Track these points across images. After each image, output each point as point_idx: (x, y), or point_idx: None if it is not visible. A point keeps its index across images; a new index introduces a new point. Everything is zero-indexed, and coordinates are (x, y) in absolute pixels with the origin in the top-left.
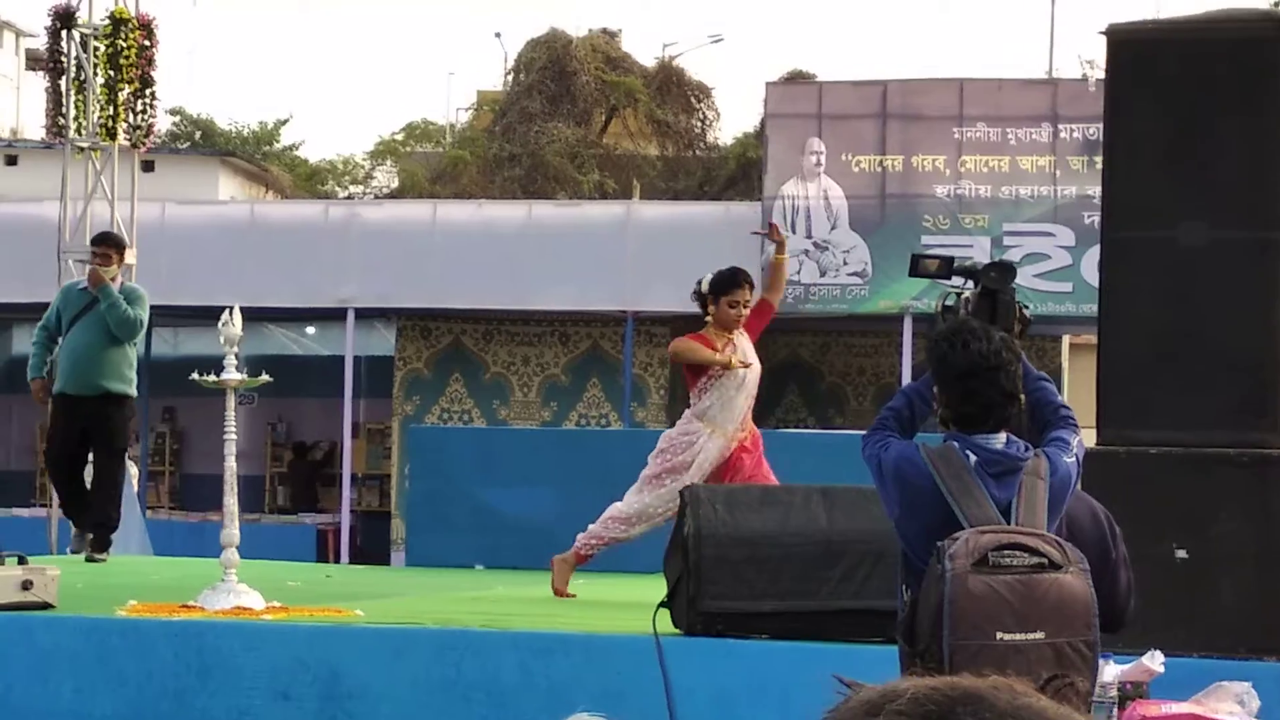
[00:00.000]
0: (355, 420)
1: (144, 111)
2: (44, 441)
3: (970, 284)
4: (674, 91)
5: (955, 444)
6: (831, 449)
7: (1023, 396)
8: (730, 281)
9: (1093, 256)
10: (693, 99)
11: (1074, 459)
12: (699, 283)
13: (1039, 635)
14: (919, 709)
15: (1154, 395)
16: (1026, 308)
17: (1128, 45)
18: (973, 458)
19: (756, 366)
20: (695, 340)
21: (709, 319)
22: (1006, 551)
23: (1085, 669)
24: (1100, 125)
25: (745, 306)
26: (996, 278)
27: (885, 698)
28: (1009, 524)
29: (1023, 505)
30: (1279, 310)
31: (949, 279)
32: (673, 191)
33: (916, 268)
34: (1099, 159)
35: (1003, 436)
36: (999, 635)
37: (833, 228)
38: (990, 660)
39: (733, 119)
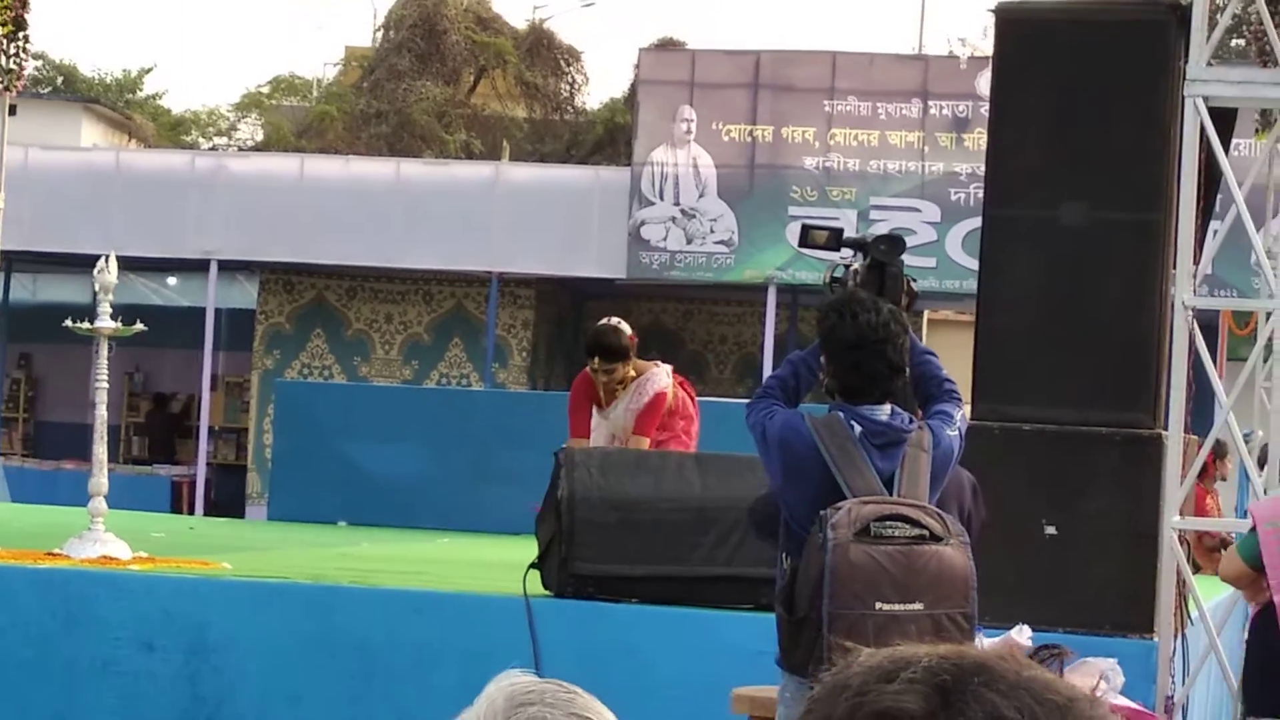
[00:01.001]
0: (214, 372)
1: (16, 55)
2: None
3: (859, 256)
4: (543, 54)
5: (840, 414)
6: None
7: (908, 369)
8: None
9: (957, 233)
10: (562, 62)
11: (957, 432)
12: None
13: (918, 606)
14: (933, 678)
15: (1030, 373)
16: (914, 281)
17: (1017, 23)
18: (857, 428)
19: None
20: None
21: None
22: (888, 522)
23: (964, 640)
24: (969, 103)
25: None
26: (886, 250)
27: (897, 665)
28: (891, 495)
29: (905, 476)
30: (1157, 292)
31: (838, 251)
32: (539, 154)
33: (806, 238)
34: (967, 136)
35: (887, 408)
36: (878, 605)
37: (700, 195)
38: (869, 630)
39: (601, 84)
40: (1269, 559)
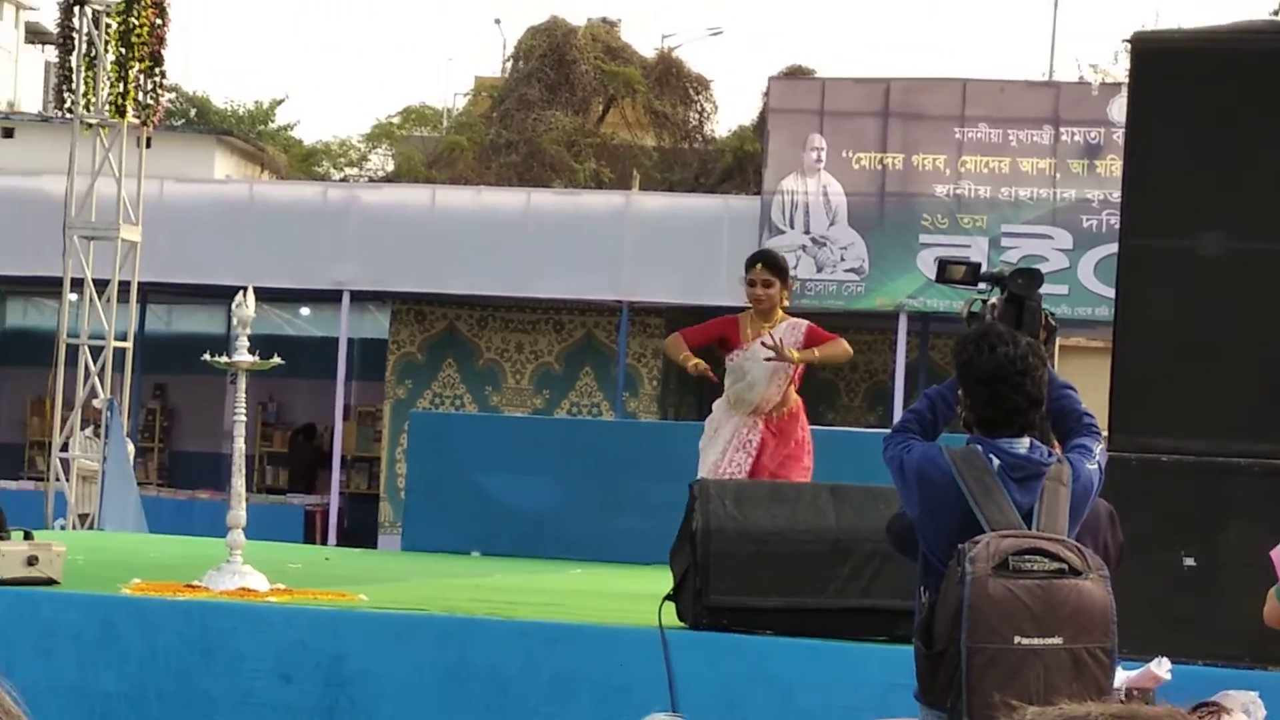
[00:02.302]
0: (347, 402)
1: (153, 90)
2: (33, 414)
3: (996, 290)
4: (672, 83)
5: (979, 447)
6: (828, 446)
7: (1046, 403)
8: (748, 261)
9: (1089, 260)
10: (691, 91)
11: (1096, 466)
12: None
13: (1057, 641)
14: None
15: (1167, 403)
16: (1053, 315)
17: (1152, 54)
18: (995, 461)
19: (759, 363)
20: (704, 328)
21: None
22: (1027, 556)
23: (1103, 675)
24: (1101, 129)
25: (762, 286)
26: (1023, 284)
27: None
28: (1030, 529)
29: (1044, 510)
30: None
31: (975, 285)
32: (668, 183)
33: (943, 273)
34: (1099, 163)
35: (1026, 441)
36: (1017, 639)
37: (831, 224)
38: (1007, 664)
39: (730, 112)
40: None
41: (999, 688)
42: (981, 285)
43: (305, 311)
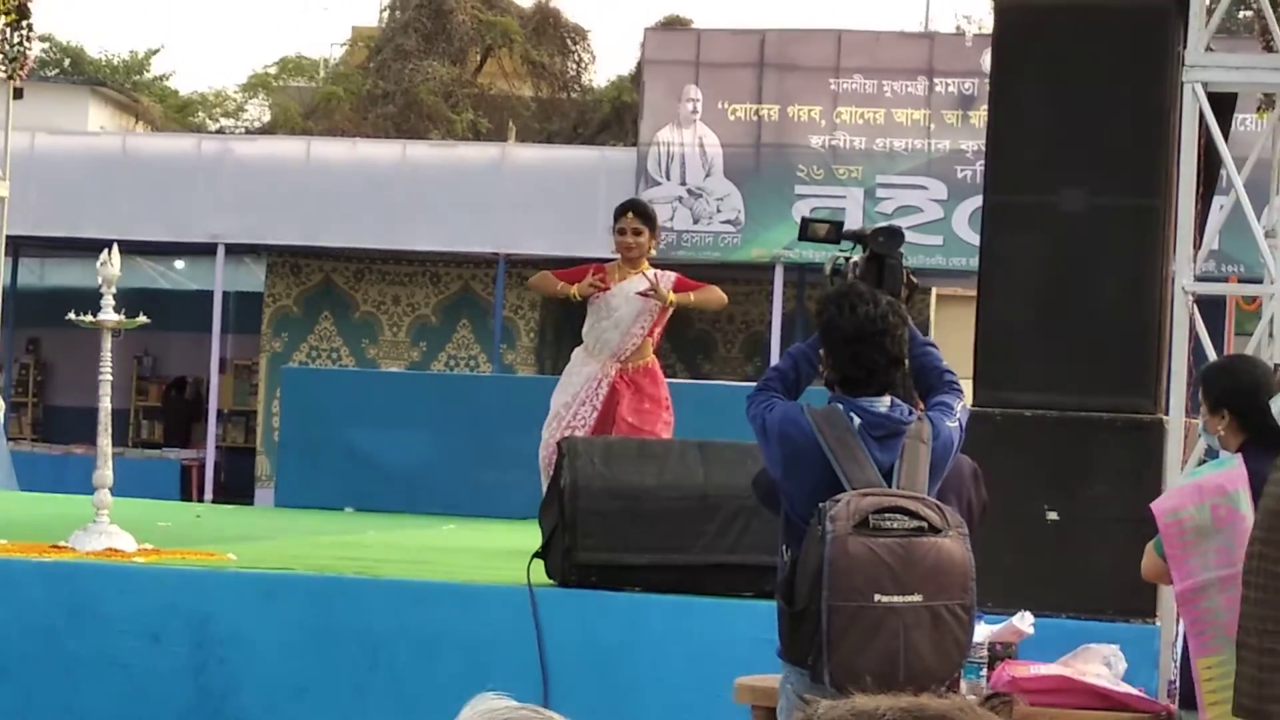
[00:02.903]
0: (222, 356)
1: (20, 43)
2: None
3: (859, 248)
4: (550, 33)
5: (840, 406)
6: (703, 400)
7: (907, 361)
8: (618, 210)
9: (964, 210)
10: (568, 41)
11: (957, 423)
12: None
13: (917, 598)
14: None
15: (1030, 359)
16: (913, 273)
17: (1015, 10)
18: (856, 420)
19: (631, 300)
20: (573, 271)
21: (613, 249)
22: (887, 514)
23: (961, 632)
24: (975, 80)
25: (633, 234)
26: (884, 243)
27: (859, 717)
28: (891, 487)
29: (904, 468)
30: (1157, 277)
31: (838, 243)
32: (546, 133)
33: (806, 232)
34: (973, 114)
35: (887, 400)
36: (877, 597)
37: (707, 175)
38: (868, 622)
39: (608, 63)
40: (1169, 550)
41: (860, 645)
42: (844, 243)
43: (180, 264)
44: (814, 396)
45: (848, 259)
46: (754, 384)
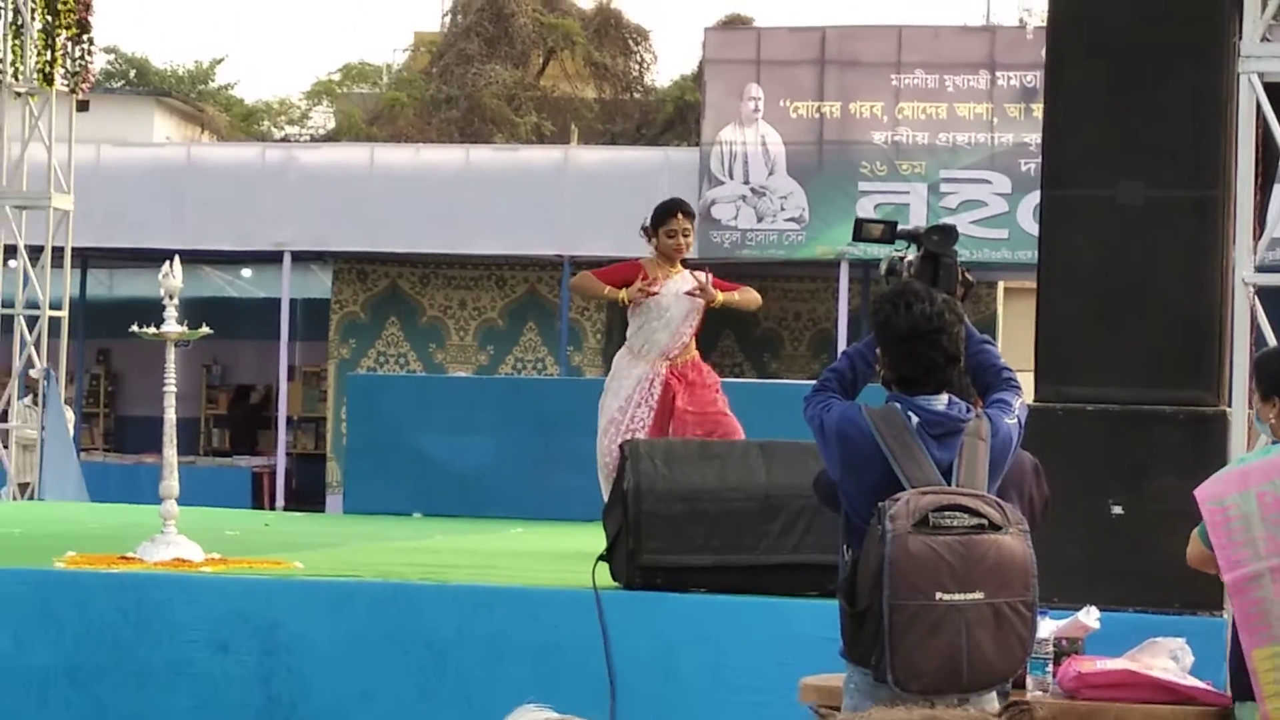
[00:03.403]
0: (291, 363)
1: (81, 57)
2: None
3: (913, 247)
4: (611, 34)
5: (898, 405)
6: (769, 398)
7: (964, 359)
8: (666, 212)
9: (1028, 203)
10: (630, 41)
11: (1015, 420)
12: (644, 221)
13: (978, 595)
14: None
15: (1091, 353)
16: (969, 271)
17: (1070, 4)
18: (914, 419)
19: (680, 300)
20: (613, 270)
21: (652, 250)
22: (946, 512)
23: (1024, 628)
24: (1037, 73)
25: (683, 235)
26: (939, 241)
27: None
28: (950, 485)
29: (963, 466)
30: (1215, 269)
31: (892, 243)
32: (610, 134)
33: (860, 233)
34: (1036, 107)
35: (944, 398)
36: (938, 595)
37: (770, 173)
38: (929, 620)
39: (670, 62)
40: (1215, 540)
41: (922, 643)
42: (899, 243)
43: (247, 273)
44: (872, 396)
45: (902, 258)
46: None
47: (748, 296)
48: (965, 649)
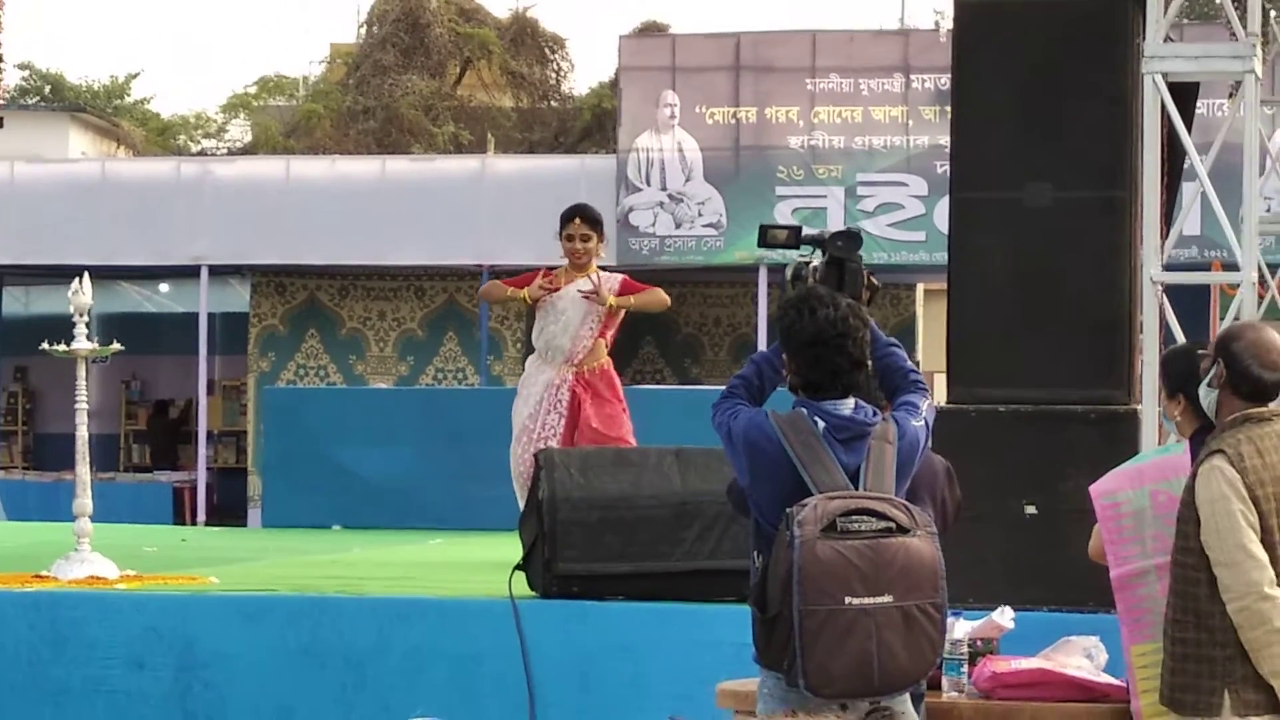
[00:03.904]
0: (210, 377)
1: None
2: None
3: (819, 252)
4: (528, 43)
5: (804, 410)
6: (689, 405)
7: (871, 362)
8: (565, 217)
9: (945, 205)
10: (547, 50)
11: (923, 423)
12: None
13: (887, 599)
14: None
15: (1003, 354)
16: (876, 275)
17: (974, 6)
18: (821, 424)
19: (577, 302)
20: (522, 278)
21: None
22: (854, 517)
23: (934, 630)
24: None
25: (581, 240)
26: (843, 246)
27: None
28: (858, 489)
29: (870, 470)
30: (1125, 269)
31: (797, 248)
32: (529, 143)
33: (765, 238)
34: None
35: (851, 402)
36: (847, 600)
37: (687, 179)
38: (840, 625)
39: (587, 70)
40: (1106, 535)
41: (833, 648)
42: (804, 248)
43: (164, 288)
44: (779, 402)
45: (808, 263)
46: None
47: (649, 298)
48: (876, 652)
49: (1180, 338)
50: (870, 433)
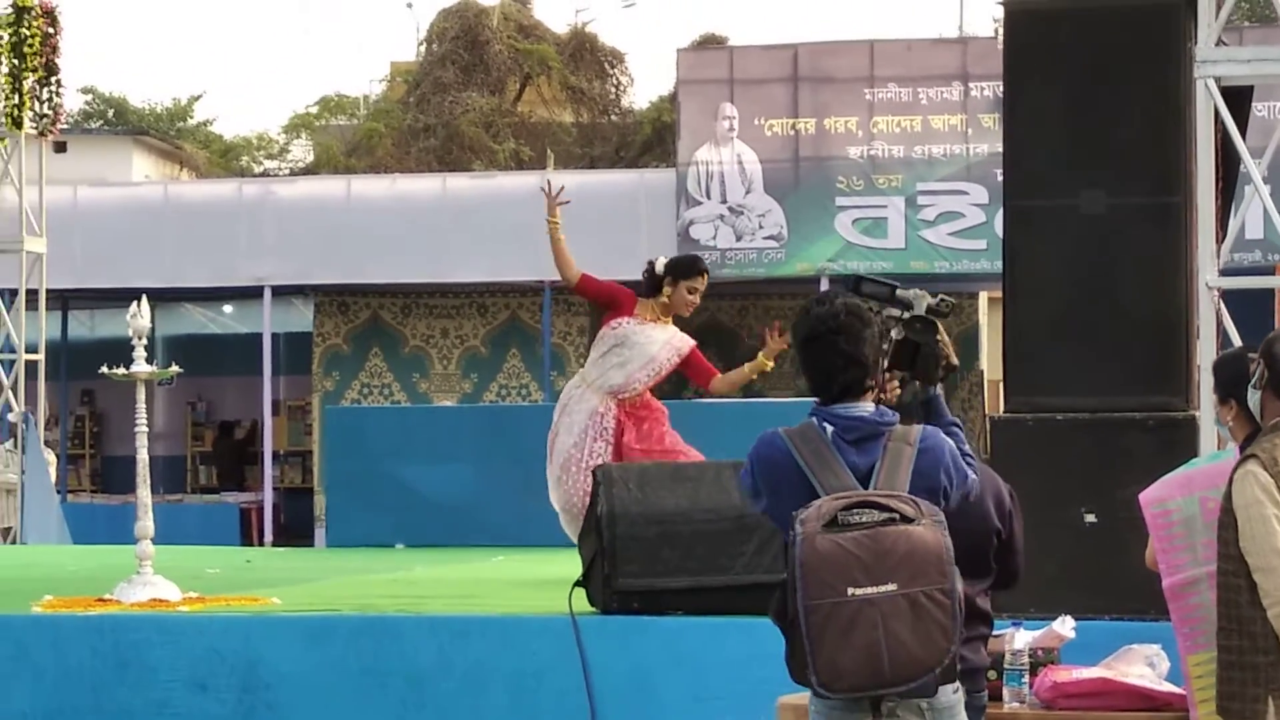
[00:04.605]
0: (275, 397)
1: (50, 100)
2: None
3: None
4: (587, 58)
5: (814, 419)
6: (752, 418)
7: (883, 364)
8: (691, 268)
9: None
10: (606, 65)
11: (966, 462)
12: (651, 263)
13: (891, 587)
14: None
15: (1060, 362)
16: (953, 359)
17: (1025, 14)
18: (829, 428)
19: (658, 348)
20: (604, 282)
21: (663, 297)
22: (855, 510)
23: (944, 617)
24: None
25: (699, 295)
26: (921, 330)
27: None
28: (868, 489)
29: (885, 469)
30: (1179, 274)
31: (893, 304)
32: (589, 158)
33: (859, 288)
34: None
35: (868, 405)
36: (850, 591)
37: (747, 192)
38: (844, 617)
39: (647, 84)
40: (1157, 543)
41: (840, 642)
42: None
43: (228, 309)
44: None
45: (898, 318)
46: (808, 398)
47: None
48: (884, 642)
49: (1237, 342)
50: (885, 433)
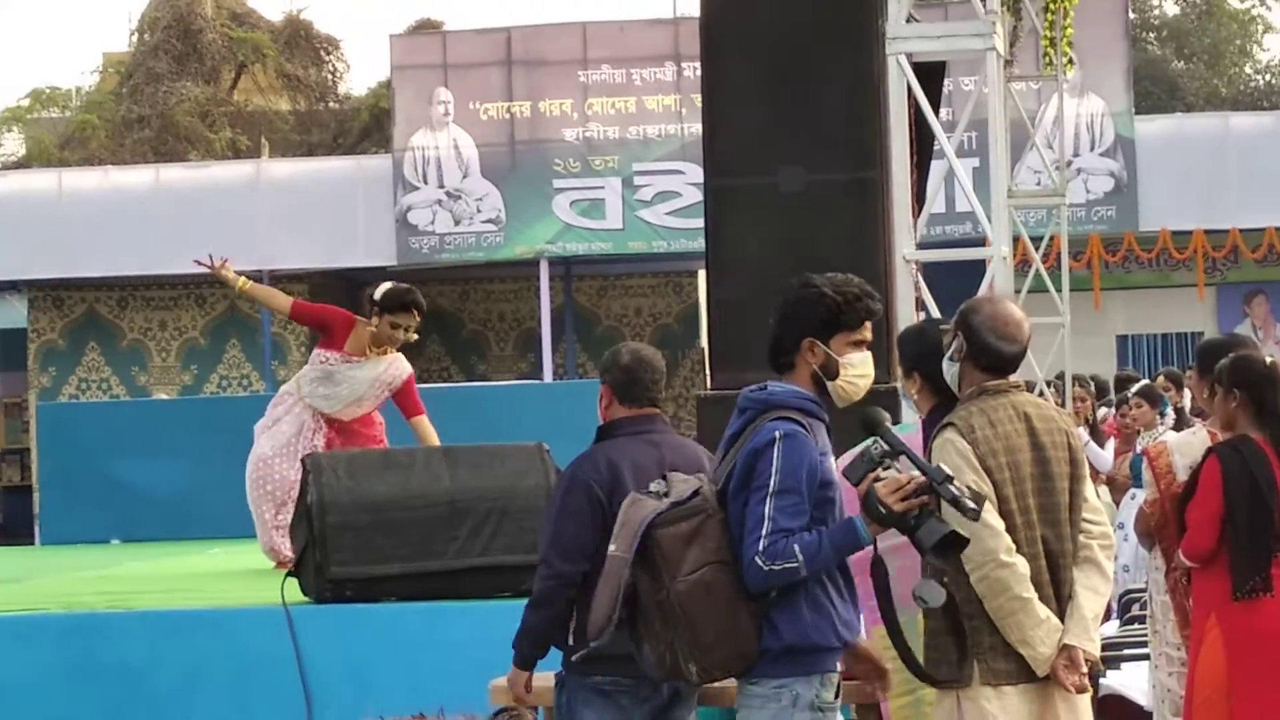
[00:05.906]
0: None
1: None
2: None
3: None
4: (302, 45)
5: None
6: (474, 403)
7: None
8: (398, 303)
9: None
10: (322, 52)
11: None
12: (372, 287)
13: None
14: None
15: (762, 338)
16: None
17: None
18: None
19: (370, 386)
20: (317, 307)
21: (371, 326)
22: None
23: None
24: None
25: (408, 332)
26: (936, 557)
27: None
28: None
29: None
30: (878, 247)
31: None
32: (307, 145)
33: (872, 427)
34: None
35: (785, 383)
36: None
37: (464, 176)
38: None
39: (364, 70)
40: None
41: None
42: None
43: None
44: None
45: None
46: (526, 380)
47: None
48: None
49: (936, 313)
50: (743, 403)
